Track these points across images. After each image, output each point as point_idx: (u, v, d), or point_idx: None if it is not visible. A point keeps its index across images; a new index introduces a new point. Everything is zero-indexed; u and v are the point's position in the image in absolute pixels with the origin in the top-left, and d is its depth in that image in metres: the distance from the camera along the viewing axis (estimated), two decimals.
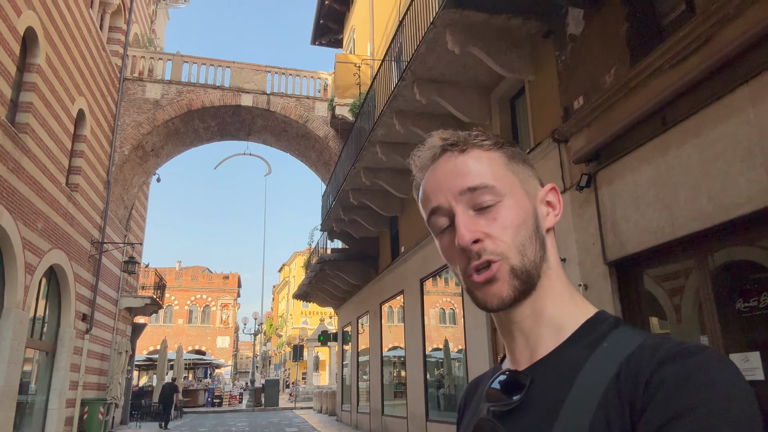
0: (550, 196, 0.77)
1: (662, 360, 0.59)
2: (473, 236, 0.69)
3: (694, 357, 0.59)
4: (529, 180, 0.76)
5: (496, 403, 0.70)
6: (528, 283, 0.70)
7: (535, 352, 0.71)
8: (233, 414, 26.74)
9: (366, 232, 14.34)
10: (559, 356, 0.69)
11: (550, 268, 0.73)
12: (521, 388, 0.68)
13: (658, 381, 0.58)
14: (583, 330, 0.70)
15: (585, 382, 0.63)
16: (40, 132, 11.57)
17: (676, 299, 5.08)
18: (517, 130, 8.13)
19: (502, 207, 0.71)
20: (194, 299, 50.41)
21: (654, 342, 0.63)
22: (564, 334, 0.70)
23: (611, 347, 0.65)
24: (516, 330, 0.73)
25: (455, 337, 11.14)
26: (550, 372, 0.68)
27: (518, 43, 6.96)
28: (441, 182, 0.73)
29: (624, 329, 0.68)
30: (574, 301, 0.74)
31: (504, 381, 0.71)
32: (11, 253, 10.36)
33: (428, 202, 0.75)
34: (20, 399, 11.08)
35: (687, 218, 4.45)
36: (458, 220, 0.70)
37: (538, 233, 0.73)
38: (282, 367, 56.67)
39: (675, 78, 4.58)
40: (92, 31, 14.54)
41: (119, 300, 17.73)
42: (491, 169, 0.73)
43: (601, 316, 0.72)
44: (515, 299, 0.70)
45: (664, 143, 4.73)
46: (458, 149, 0.74)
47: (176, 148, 19.04)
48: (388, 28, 14.23)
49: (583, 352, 0.66)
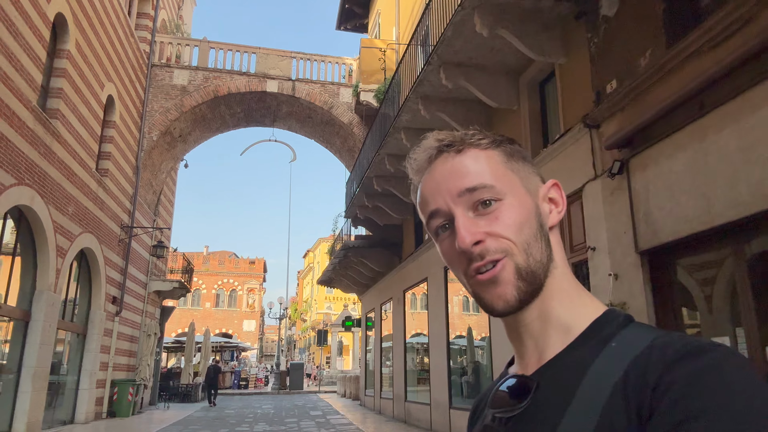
0: (552, 193, 0.75)
1: (671, 361, 0.56)
2: (474, 238, 0.67)
3: (704, 356, 0.55)
4: (530, 177, 0.74)
5: (500, 410, 0.68)
6: (534, 284, 0.68)
7: (543, 354, 0.69)
8: (259, 396, 27.19)
9: (390, 219, 14.30)
10: (566, 359, 0.66)
11: (556, 267, 0.71)
12: (527, 393, 0.66)
13: (666, 383, 0.54)
14: (591, 330, 0.67)
15: (590, 386, 0.60)
16: (71, 117, 11.76)
17: (710, 290, 4.93)
18: (547, 115, 7.96)
19: (503, 206, 0.69)
20: (221, 283, 51.26)
21: (663, 341, 0.59)
22: (572, 335, 0.68)
23: (619, 347, 0.62)
24: (524, 333, 0.71)
25: (479, 324, 11.08)
26: (556, 375, 0.65)
27: (549, 25, 6.77)
28: (439, 184, 0.71)
29: (634, 327, 0.65)
30: (582, 300, 0.71)
31: (510, 386, 0.69)
32: (43, 237, 10.60)
33: (426, 205, 0.73)
34: (52, 379, 11.41)
35: (724, 206, 4.29)
36: (458, 223, 0.69)
37: (543, 231, 0.70)
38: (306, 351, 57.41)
39: (713, 61, 4.40)
40: (121, 18, 14.68)
41: (148, 283, 18.08)
42: (490, 168, 0.71)
43: (611, 314, 0.68)
44: (521, 302, 0.68)
45: (701, 129, 4.56)
46: (455, 150, 0.72)
47: (203, 134, 19.21)
48: (414, 12, 14.04)
49: (591, 353, 0.63)
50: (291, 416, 16.60)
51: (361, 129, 17.65)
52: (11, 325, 10.26)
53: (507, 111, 8.37)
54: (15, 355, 10.22)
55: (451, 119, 8.66)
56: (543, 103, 8.05)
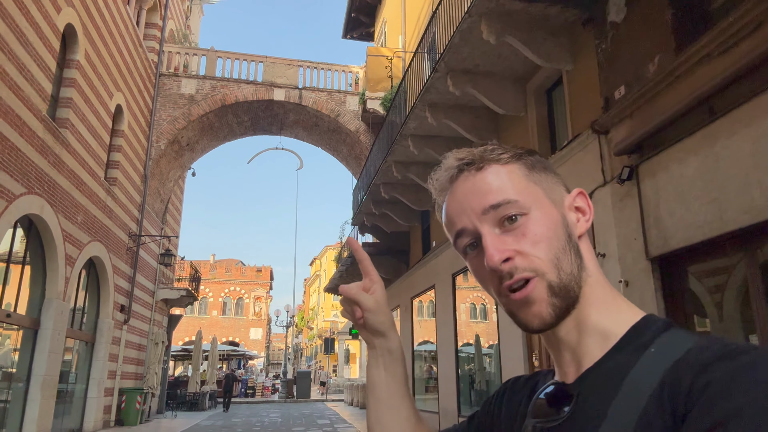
0: (578, 201, 0.74)
1: (706, 363, 0.54)
2: (502, 256, 0.66)
3: (740, 357, 0.53)
4: (554, 188, 0.73)
5: (541, 420, 0.68)
6: (568, 298, 0.67)
7: (582, 362, 0.68)
8: (266, 405, 27.11)
9: (397, 227, 14.28)
10: (605, 365, 0.65)
11: (590, 276, 0.69)
12: (566, 402, 0.65)
13: (701, 386, 0.53)
14: (629, 336, 0.66)
15: (629, 392, 0.59)
16: (80, 127, 11.85)
17: (722, 296, 4.88)
18: (554, 121, 7.94)
19: (529, 221, 0.68)
20: (228, 291, 51.28)
21: (701, 344, 0.58)
22: (610, 341, 0.66)
23: (658, 352, 0.61)
24: (562, 344, 0.70)
25: (486, 332, 11.01)
26: (595, 384, 0.64)
27: (556, 32, 6.77)
28: (462, 203, 0.71)
29: (674, 332, 0.63)
30: (619, 306, 0.69)
31: (550, 393, 0.68)
32: (52, 246, 10.65)
33: (452, 225, 0.73)
34: (61, 387, 11.43)
35: (737, 212, 4.25)
36: (485, 241, 0.68)
37: (571, 242, 0.69)
38: (313, 360, 57.28)
39: (724, 65, 4.37)
40: (129, 28, 14.81)
41: (156, 292, 18.11)
42: (512, 183, 0.70)
43: (650, 319, 0.67)
44: (558, 318, 0.67)
45: (712, 134, 4.53)
46: (475, 167, 0.72)
47: (210, 143, 19.30)
48: (421, 20, 14.08)
49: (629, 359, 0.62)
50: (298, 425, 16.54)
51: (368, 137, 17.69)
52: (20, 334, 10.29)
53: (514, 118, 8.36)
54: (24, 363, 10.25)
55: (459, 126, 8.66)
56: (550, 110, 8.04)
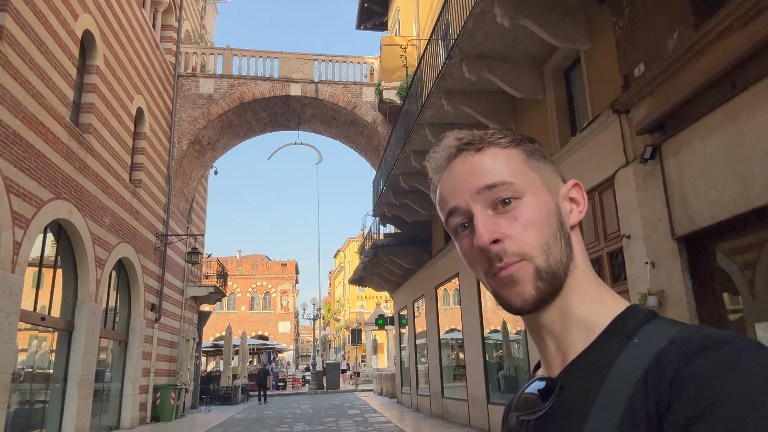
0: (573, 193, 0.74)
1: (688, 353, 0.54)
2: (492, 236, 0.66)
3: (723, 347, 0.53)
4: (551, 176, 0.73)
5: (524, 412, 0.68)
6: (554, 284, 0.67)
7: (567, 354, 0.68)
8: (297, 397, 27.48)
9: (418, 216, 14.26)
10: (589, 357, 0.65)
11: (577, 267, 0.70)
12: (551, 394, 0.65)
13: (683, 377, 0.53)
14: (613, 326, 0.66)
15: (613, 384, 0.59)
16: (103, 131, 12.07)
17: (752, 274, 4.77)
18: (573, 102, 7.83)
19: (522, 205, 0.68)
20: (255, 286, 51.98)
21: (684, 334, 0.58)
22: (594, 333, 0.67)
23: (642, 343, 0.61)
24: (546, 334, 0.71)
25: (514, 318, 10.96)
26: (580, 375, 0.65)
27: (571, 12, 6.65)
28: (458, 182, 0.71)
29: (657, 322, 0.63)
30: (603, 298, 0.69)
31: (534, 387, 0.68)
32: (82, 248, 10.91)
33: (445, 203, 0.73)
34: (97, 386, 11.75)
35: (763, 187, 4.15)
36: (477, 220, 0.68)
37: (563, 231, 0.69)
38: (342, 350, 57.76)
39: (744, 39, 4.25)
40: (146, 31, 14.98)
41: (185, 289, 18.45)
42: (509, 166, 0.70)
43: (633, 310, 0.67)
44: (539, 300, 0.67)
45: (735, 109, 4.42)
46: (474, 148, 0.72)
47: (231, 141, 19.49)
48: (434, 7, 13.96)
49: (614, 350, 0.62)
50: (329, 416, 16.73)
51: (385, 127, 17.66)
52: (56, 336, 10.60)
53: (532, 101, 8.26)
54: (61, 364, 10.56)
55: (476, 112, 8.58)
56: (569, 91, 7.91)
